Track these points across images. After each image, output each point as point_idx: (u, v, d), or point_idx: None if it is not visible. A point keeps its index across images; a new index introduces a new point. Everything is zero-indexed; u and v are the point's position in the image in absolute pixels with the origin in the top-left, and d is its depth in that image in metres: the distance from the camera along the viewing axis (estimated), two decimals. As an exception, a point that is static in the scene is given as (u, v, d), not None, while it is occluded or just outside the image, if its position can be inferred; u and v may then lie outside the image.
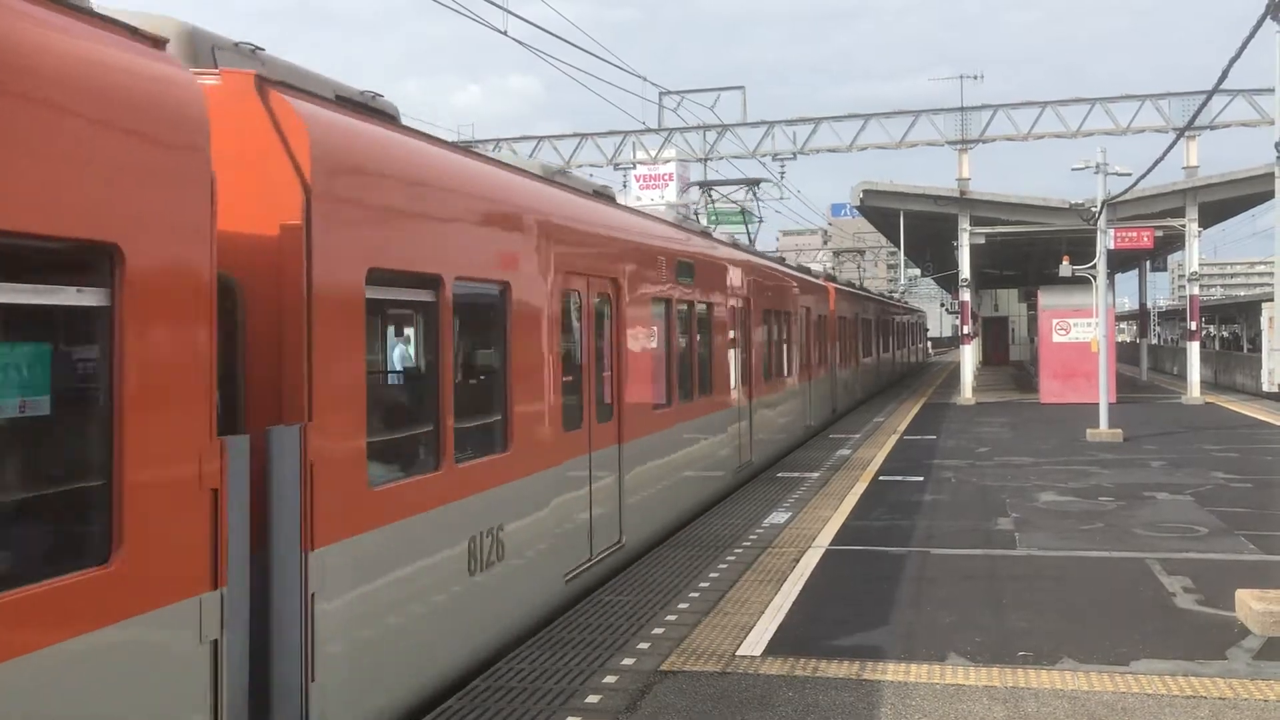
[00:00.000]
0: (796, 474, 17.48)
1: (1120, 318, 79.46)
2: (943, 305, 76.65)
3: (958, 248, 33.78)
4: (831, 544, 11.90)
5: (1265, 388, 33.94)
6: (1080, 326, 31.10)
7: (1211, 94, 14.67)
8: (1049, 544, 11.86)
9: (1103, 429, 22.47)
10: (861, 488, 15.93)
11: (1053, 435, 23.24)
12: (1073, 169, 23.87)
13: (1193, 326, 33.77)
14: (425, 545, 6.89)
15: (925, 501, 14.78)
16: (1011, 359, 61.10)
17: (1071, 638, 8.24)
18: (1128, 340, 74.24)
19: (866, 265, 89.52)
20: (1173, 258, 49.98)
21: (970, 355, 35.80)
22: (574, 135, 37.31)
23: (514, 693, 7.10)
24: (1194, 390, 32.37)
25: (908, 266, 71.88)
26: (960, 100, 35.39)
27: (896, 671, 7.50)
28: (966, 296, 34.82)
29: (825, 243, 63.44)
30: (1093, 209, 24.38)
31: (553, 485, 9.08)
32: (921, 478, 16.96)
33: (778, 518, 13.46)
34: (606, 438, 10.54)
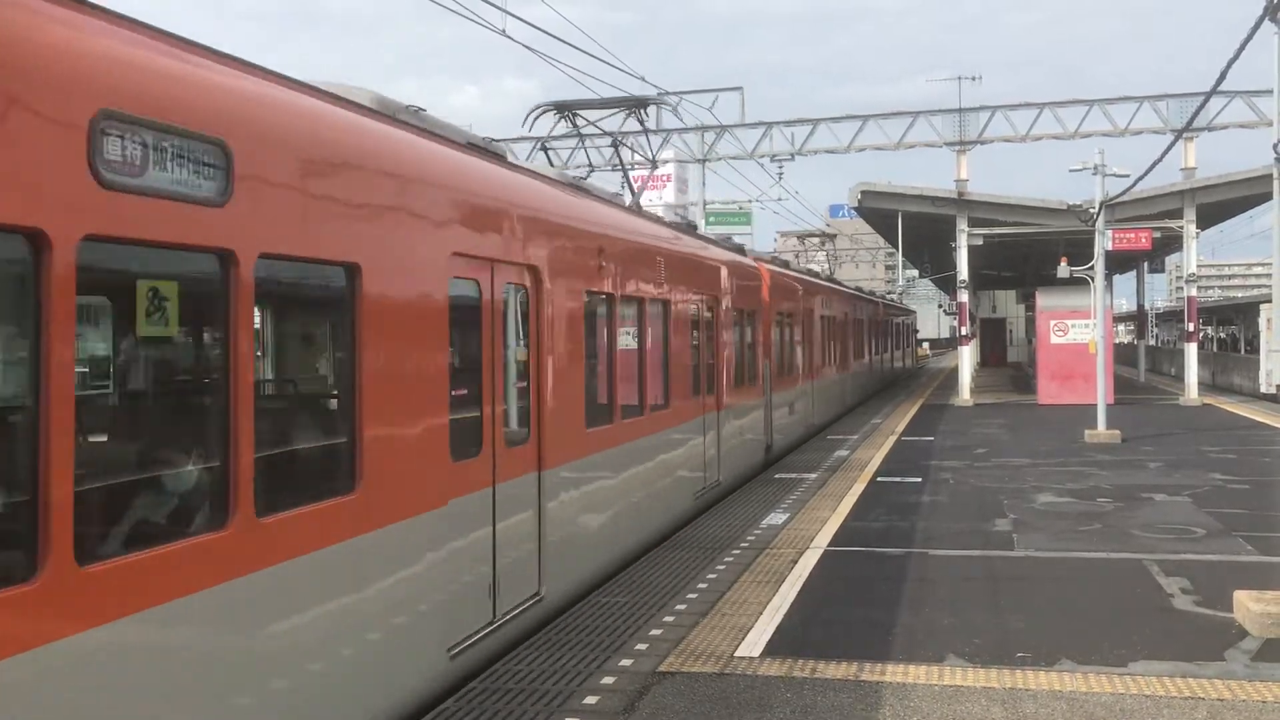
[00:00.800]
0: (794, 475, 17.48)
1: (1118, 319, 79.51)
2: (940, 306, 76.72)
3: (956, 249, 33.81)
4: (830, 545, 11.89)
5: (1263, 389, 33.96)
6: (1078, 328, 31.12)
7: (1210, 95, 14.68)
8: (1047, 545, 11.86)
9: (1100, 430, 22.48)
10: (860, 489, 15.93)
11: (1050, 436, 23.25)
12: (1071, 170, 23.88)
13: (1190, 328, 33.81)
14: None
15: (923, 503, 14.78)
16: (1009, 360, 61.08)
17: (1070, 639, 8.24)
18: (1126, 341, 74.34)
19: (848, 258, 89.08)
20: (1171, 259, 50.09)
21: (968, 356, 35.81)
22: (573, 135, 37.25)
23: (511, 694, 7.09)
24: (1192, 391, 32.39)
25: (906, 268, 71.91)
26: (958, 101, 35.49)
27: (895, 673, 7.49)
28: (964, 298, 34.83)
29: (823, 244, 63.44)
30: (1091, 210, 24.40)
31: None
32: (920, 479, 16.96)
33: (776, 518, 13.45)
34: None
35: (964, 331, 35.20)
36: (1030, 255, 40.69)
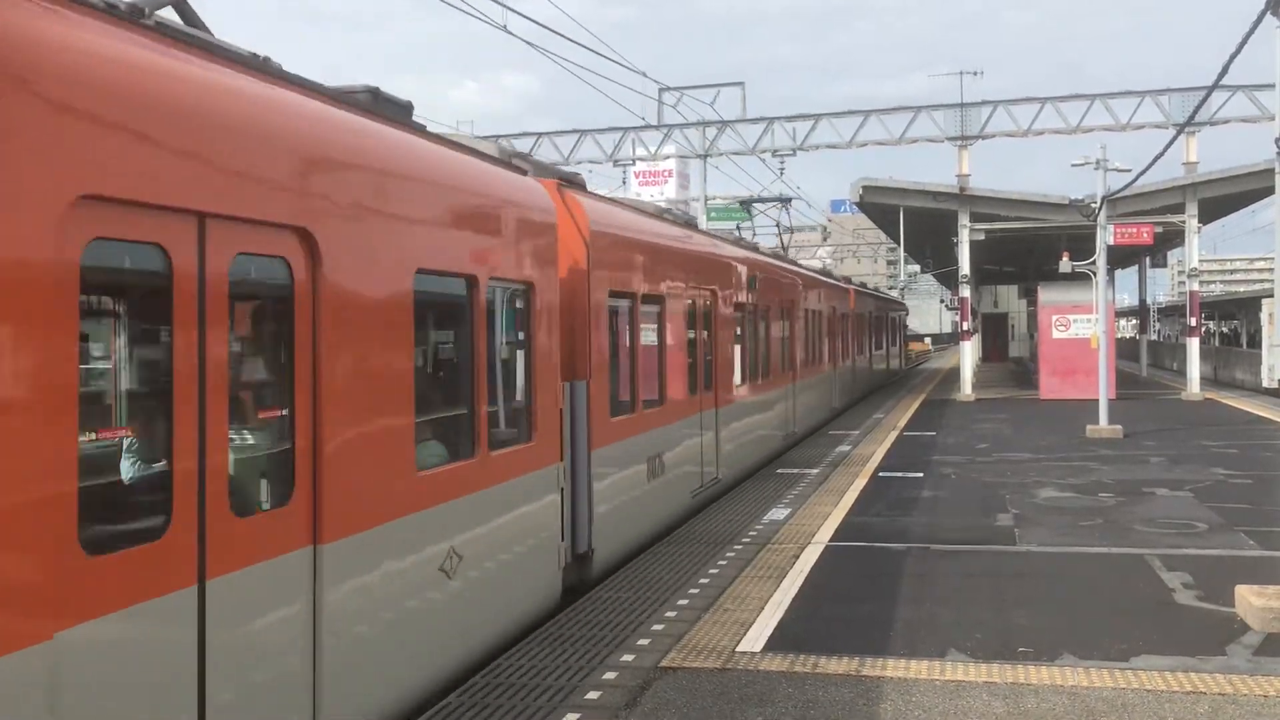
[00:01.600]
0: (796, 470, 17.49)
1: (1120, 314, 79.47)
2: (942, 301, 76.66)
3: (957, 244, 33.78)
4: (832, 540, 11.90)
5: (1265, 384, 33.95)
6: (1080, 322, 31.09)
7: (1212, 89, 14.69)
8: (1049, 540, 11.86)
9: (1102, 425, 22.47)
10: (861, 484, 15.94)
11: (1052, 431, 23.24)
12: (1073, 165, 23.82)
13: (1192, 323, 33.77)
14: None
15: (925, 498, 14.79)
16: (1011, 355, 61.08)
17: (1071, 634, 8.25)
18: (1128, 336, 74.30)
19: (849, 254, 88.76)
20: (1173, 254, 49.97)
21: (970, 352, 35.79)
22: (574, 131, 37.26)
23: (514, 689, 7.10)
24: (1194, 386, 32.36)
25: (908, 263, 71.85)
26: (960, 97, 35.40)
27: (897, 668, 7.50)
28: (966, 293, 34.80)
29: (825, 239, 63.38)
30: (1092, 205, 24.36)
31: None
32: (921, 474, 16.97)
33: (777, 514, 13.46)
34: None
35: (965, 327, 35.17)
36: (1032, 250, 40.65)
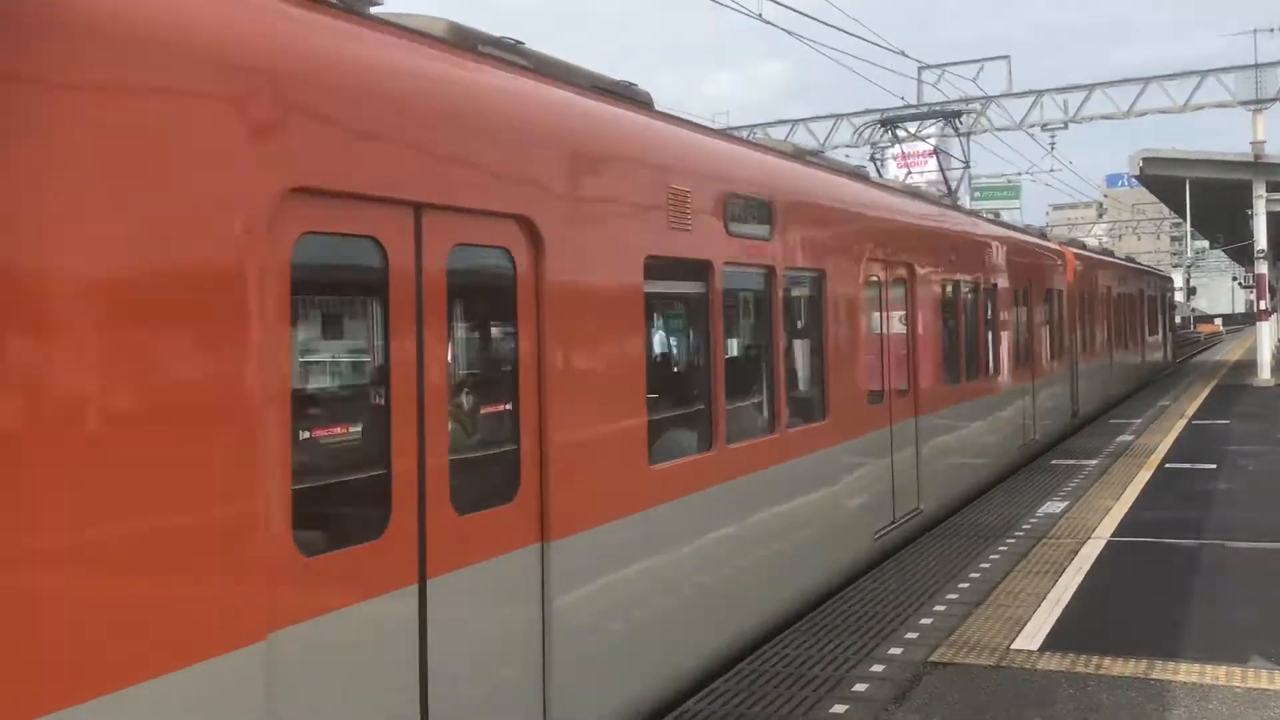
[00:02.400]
0: (1072, 461, 16.63)
1: None
2: (1235, 279, 71.03)
3: (1252, 216, 31.18)
4: (1113, 535, 11.24)
5: None
6: (1401, 299, 28.03)
7: None
8: (1367, 539, 10.75)
9: None
10: (1145, 476, 14.97)
11: (1369, 419, 21.07)
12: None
13: None
14: None
15: (1219, 491, 13.72)
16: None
17: (1397, 643, 7.45)
18: None
19: (1128, 230, 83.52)
20: None
21: (1268, 332, 33.00)
22: (829, 117, 36.84)
23: (779, 678, 7.10)
24: None
25: (1194, 238, 66.91)
26: (1254, 56, 32.57)
27: (1190, 672, 7.00)
28: (1263, 269, 32.19)
29: (1100, 215, 59.90)
30: None
31: None
32: (1214, 465, 15.74)
33: (1052, 507, 12.84)
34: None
35: (1263, 305, 32.52)
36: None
